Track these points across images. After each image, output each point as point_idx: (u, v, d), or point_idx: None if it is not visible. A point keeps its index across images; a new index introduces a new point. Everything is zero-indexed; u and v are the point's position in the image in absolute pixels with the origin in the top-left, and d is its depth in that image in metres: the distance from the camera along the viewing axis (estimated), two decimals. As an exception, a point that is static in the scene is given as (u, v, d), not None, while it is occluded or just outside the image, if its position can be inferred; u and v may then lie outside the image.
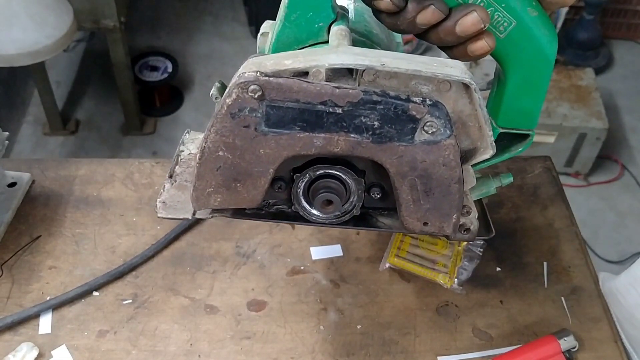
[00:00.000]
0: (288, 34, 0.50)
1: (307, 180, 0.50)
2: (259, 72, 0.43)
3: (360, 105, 0.45)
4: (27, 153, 2.07)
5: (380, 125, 0.45)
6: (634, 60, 2.51)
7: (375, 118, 0.45)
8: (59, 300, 0.72)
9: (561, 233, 0.82)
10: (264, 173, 0.47)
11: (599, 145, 1.99)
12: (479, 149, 0.50)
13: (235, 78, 0.44)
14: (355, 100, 0.45)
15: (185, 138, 0.63)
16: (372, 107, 0.45)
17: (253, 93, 0.44)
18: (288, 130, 0.45)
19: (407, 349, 0.71)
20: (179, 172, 0.65)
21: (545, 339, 0.70)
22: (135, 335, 0.71)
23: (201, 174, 0.46)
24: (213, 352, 0.70)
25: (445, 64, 0.47)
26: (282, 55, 0.46)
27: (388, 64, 0.45)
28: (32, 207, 0.82)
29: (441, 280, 0.75)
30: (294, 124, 0.45)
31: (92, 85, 2.29)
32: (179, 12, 2.61)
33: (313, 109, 0.45)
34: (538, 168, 0.90)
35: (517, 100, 0.53)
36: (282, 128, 0.45)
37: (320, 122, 0.45)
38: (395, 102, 0.45)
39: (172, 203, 0.61)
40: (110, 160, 0.88)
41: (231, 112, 0.44)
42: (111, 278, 0.75)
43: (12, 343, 0.69)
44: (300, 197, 0.50)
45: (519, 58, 0.51)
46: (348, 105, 0.45)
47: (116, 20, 1.79)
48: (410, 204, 0.49)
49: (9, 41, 1.51)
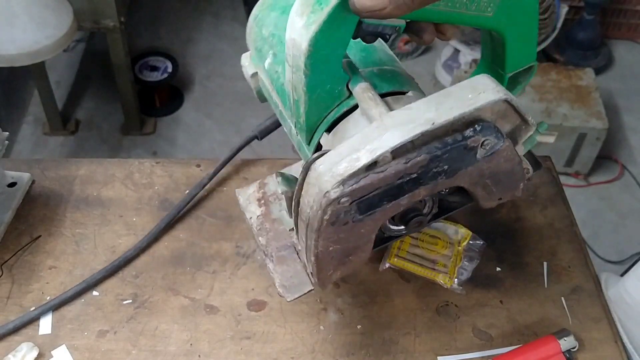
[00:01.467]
0: (314, 109, 0.56)
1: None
2: (341, 184, 0.48)
3: (430, 163, 0.50)
4: (27, 153, 2.07)
5: (450, 166, 0.51)
6: (634, 60, 2.51)
7: (444, 164, 0.51)
8: (59, 300, 0.73)
9: (561, 233, 0.82)
10: (368, 241, 0.54)
11: (598, 145, 1.99)
12: (522, 127, 0.56)
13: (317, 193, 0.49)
14: (424, 163, 0.50)
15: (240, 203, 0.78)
16: (438, 159, 0.50)
17: (345, 203, 0.49)
18: (379, 207, 0.51)
19: (407, 349, 0.71)
20: (265, 244, 0.78)
21: (545, 339, 0.70)
22: (135, 335, 0.71)
23: (320, 267, 0.53)
24: (213, 352, 0.70)
25: (476, 89, 0.52)
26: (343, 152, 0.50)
27: (437, 121, 0.50)
28: (32, 207, 0.82)
29: (441, 280, 0.75)
30: (381, 202, 0.51)
31: (92, 85, 2.29)
32: (178, 12, 2.61)
33: (393, 185, 0.50)
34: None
35: (517, 50, 0.61)
36: (373, 209, 0.51)
37: (402, 190, 0.51)
38: (456, 145, 0.51)
39: (289, 284, 0.74)
40: (110, 160, 0.88)
41: (331, 222, 0.50)
42: (107, 273, 0.75)
43: (12, 343, 0.69)
44: (388, 225, 0.58)
45: (510, 22, 0.58)
46: (420, 169, 0.50)
47: (116, 20, 1.79)
48: (485, 196, 0.56)
49: (9, 41, 1.51)
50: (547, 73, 2.09)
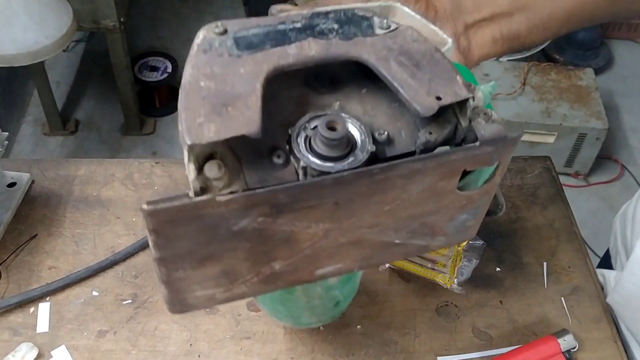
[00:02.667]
0: None
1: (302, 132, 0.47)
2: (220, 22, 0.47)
3: (315, 17, 0.48)
4: (27, 153, 2.07)
5: (340, 26, 0.47)
6: (634, 60, 2.51)
7: (333, 22, 0.48)
8: (56, 285, 0.73)
9: (561, 233, 0.82)
10: (252, 90, 0.44)
11: (598, 145, 1.99)
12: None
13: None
14: (308, 15, 0.48)
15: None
16: (325, 16, 0.48)
17: (217, 29, 0.46)
18: (260, 49, 0.46)
19: (406, 349, 0.71)
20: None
21: (545, 339, 0.70)
22: (135, 335, 0.71)
23: (187, 106, 0.43)
24: (213, 352, 0.70)
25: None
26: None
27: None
28: (31, 207, 0.82)
29: (441, 281, 0.75)
30: (263, 44, 0.46)
31: (92, 85, 2.29)
32: (178, 12, 2.61)
33: (275, 29, 0.47)
34: (538, 168, 0.90)
35: None
36: (254, 49, 0.46)
37: (286, 37, 0.47)
38: (343, 9, 0.48)
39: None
40: (110, 161, 0.88)
41: (203, 49, 0.45)
42: (105, 267, 0.76)
43: (11, 343, 0.69)
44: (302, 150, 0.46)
45: None
46: (304, 20, 0.47)
47: (116, 20, 1.79)
48: (408, 80, 0.46)
49: (8, 41, 1.51)
50: (547, 73, 2.09)
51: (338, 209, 0.45)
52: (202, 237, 0.43)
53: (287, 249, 0.47)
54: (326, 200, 0.44)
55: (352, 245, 0.49)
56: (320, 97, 0.49)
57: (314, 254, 0.48)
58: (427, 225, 0.50)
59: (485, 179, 0.49)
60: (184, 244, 0.43)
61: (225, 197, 0.41)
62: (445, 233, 0.52)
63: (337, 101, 0.49)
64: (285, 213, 0.44)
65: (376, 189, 0.45)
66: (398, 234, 0.50)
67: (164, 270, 0.44)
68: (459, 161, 0.45)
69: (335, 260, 0.49)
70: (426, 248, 0.52)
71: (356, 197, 0.45)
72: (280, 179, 0.44)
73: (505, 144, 0.46)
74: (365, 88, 0.50)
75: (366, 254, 0.50)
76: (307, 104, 0.49)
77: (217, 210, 0.42)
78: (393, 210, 0.47)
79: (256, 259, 0.46)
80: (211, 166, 0.41)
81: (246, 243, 0.45)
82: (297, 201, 0.43)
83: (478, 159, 0.46)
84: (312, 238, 0.47)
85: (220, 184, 0.41)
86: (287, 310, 0.63)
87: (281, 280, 0.49)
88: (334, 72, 0.50)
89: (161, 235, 0.42)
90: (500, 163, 0.48)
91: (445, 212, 0.49)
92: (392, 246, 0.50)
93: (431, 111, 0.44)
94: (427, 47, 0.47)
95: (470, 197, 0.49)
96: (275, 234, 0.45)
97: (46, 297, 0.73)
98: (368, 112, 0.49)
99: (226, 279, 0.47)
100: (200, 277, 0.46)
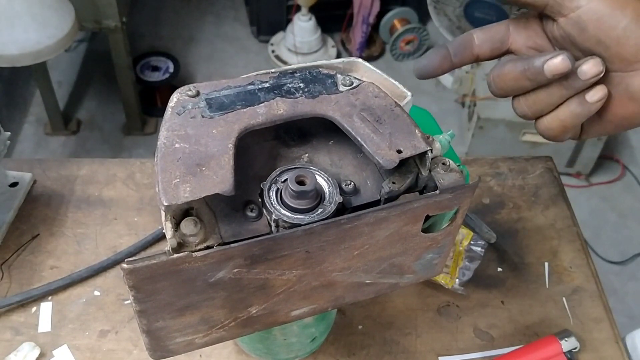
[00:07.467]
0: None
1: (273, 185, 0.49)
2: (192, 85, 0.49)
3: (282, 76, 0.49)
4: (29, 153, 2.07)
5: (306, 85, 0.49)
6: (636, 60, 2.50)
7: (299, 81, 0.49)
8: (57, 285, 0.73)
9: (562, 233, 0.82)
10: (224, 150, 0.46)
11: (600, 145, 1.99)
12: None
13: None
14: (275, 75, 0.50)
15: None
16: (291, 75, 0.50)
17: (190, 92, 0.48)
18: (231, 109, 0.48)
19: (408, 349, 0.71)
20: None
21: (546, 340, 0.70)
22: (136, 335, 0.71)
23: (163, 167, 0.45)
24: (214, 352, 0.70)
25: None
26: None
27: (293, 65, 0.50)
28: (33, 207, 0.82)
29: (442, 281, 0.75)
30: (234, 104, 0.48)
31: (94, 85, 2.29)
32: (180, 12, 2.61)
33: (244, 90, 0.49)
34: (539, 168, 0.90)
35: None
36: (225, 110, 0.48)
37: (256, 96, 0.49)
38: (308, 69, 0.50)
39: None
40: (112, 160, 0.88)
41: (177, 112, 0.47)
42: (104, 268, 0.76)
43: (13, 343, 0.70)
44: (274, 203, 0.48)
45: None
46: (272, 79, 0.49)
47: (118, 20, 1.79)
48: (371, 134, 0.49)
49: (11, 41, 1.52)
50: (548, 73, 2.09)
51: (310, 256, 0.48)
52: (180, 290, 0.45)
53: (262, 295, 0.49)
54: (298, 249, 0.47)
55: (325, 287, 0.51)
56: (290, 149, 0.52)
57: (288, 297, 0.50)
58: (395, 265, 0.53)
59: (450, 217, 0.52)
60: (163, 297, 0.45)
61: (201, 252, 0.43)
62: (414, 271, 0.55)
63: (306, 153, 0.52)
64: (259, 263, 0.46)
65: (345, 236, 0.47)
66: (368, 274, 0.52)
67: (145, 322, 0.47)
68: (421, 208, 0.48)
69: (310, 302, 0.52)
70: (396, 285, 0.55)
71: (326, 245, 0.47)
72: (253, 232, 0.47)
73: (463, 191, 0.49)
74: (332, 140, 0.53)
75: (339, 294, 0.53)
76: (277, 157, 0.52)
77: (194, 265, 0.44)
78: (362, 254, 0.50)
79: (233, 306, 0.49)
80: (187, 223, 0.44)
81: (223, 292, 0.47)
82: (270, 252, 0.46)
83: (439, 205, 0.49)
84: (286, 284, 0.49)
85: (196, 240, 0.44)
86: (265, 348, 0.67)
87: (258, 323, 0.52)
88: (302, 126, 0.53)
89: (141, 290, 0.44)
90: (460, 207, 0.51)
91: (412, 252, 0.52)
92: (363, 286, 0.53)
93: (392, 164, 0.48)
94: (387, 102, 0.50)
95: (434, 238, 0.52)
96: (251, 282, 0.47)
97: (48, 296, 0.74)
98: (335, 163, 0.52)
99: (205, 325, 0.50)
100: (179, 326, 0.48)
